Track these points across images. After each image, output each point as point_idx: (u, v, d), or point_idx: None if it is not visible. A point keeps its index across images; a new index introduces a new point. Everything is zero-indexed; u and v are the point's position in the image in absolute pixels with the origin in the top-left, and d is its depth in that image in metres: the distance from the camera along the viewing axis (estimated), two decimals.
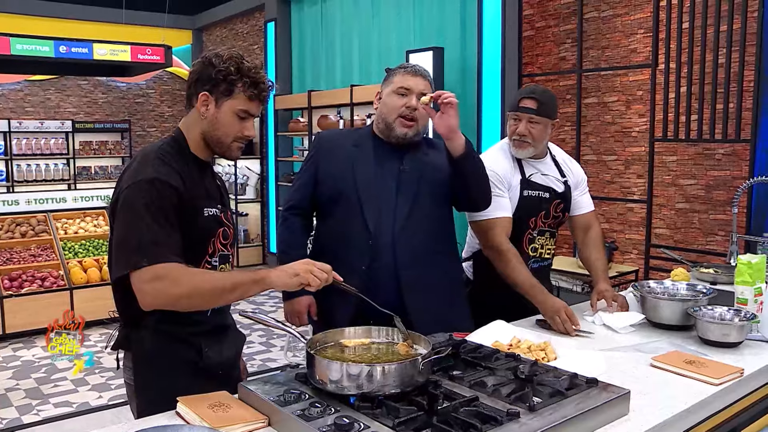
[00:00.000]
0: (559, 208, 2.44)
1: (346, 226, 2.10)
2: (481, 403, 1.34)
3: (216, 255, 1.71)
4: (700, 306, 2.05)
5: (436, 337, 1.74)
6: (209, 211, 1.67)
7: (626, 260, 4.71)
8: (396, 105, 2.06)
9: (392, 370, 1.34)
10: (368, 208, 2.06)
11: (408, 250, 2.06)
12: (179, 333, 1.66)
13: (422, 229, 2.09)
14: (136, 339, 1.66)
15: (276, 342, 5.18)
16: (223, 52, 1.65)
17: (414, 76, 2.07)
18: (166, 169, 1.59)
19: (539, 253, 2.44)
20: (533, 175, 2.41)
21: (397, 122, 2.07)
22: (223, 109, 1.64)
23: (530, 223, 2.39)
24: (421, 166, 2.12)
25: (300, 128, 7.21)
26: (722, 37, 4.01)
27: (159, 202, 1.54)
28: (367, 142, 2.15)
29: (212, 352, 1.70)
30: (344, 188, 2.09)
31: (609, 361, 1.76)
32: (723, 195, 4.12)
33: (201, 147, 1.71)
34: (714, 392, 1.58)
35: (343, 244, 2.09)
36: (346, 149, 2.14)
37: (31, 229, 5.89)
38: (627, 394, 1.43)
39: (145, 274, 1.49)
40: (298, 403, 1.35)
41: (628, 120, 4.63)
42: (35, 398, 4.07)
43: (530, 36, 5.21)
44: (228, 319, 1.82)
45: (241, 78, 1.63)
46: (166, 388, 1.55)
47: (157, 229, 1.52)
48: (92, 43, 6.69)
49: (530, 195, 2.38)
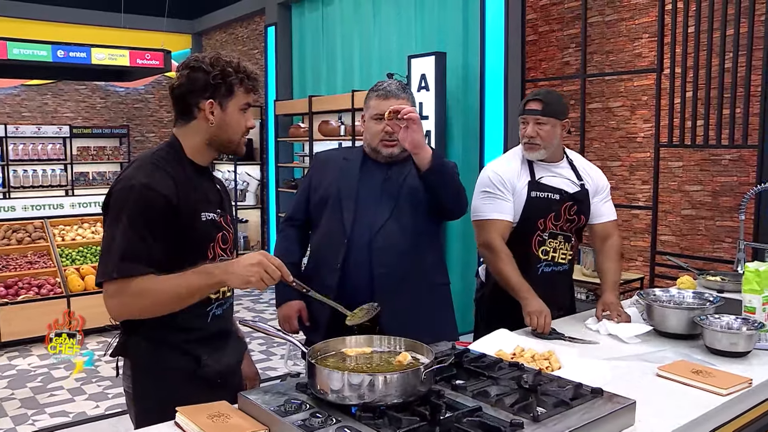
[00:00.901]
0: (572, 211, 2.43)
1: (326, 227, 2.23)
2: (485, 413, 1.34)
3: (216, 260, 1.71)
4: (707, 315, 2.05)
5: (438, 346, 1.74)
6: (207, 216, 1.69)
7: (631, 268, 4.71)
8: (375, 131, 2.18)
9: (394, 379, 1.34)
10: (347, 209, 2.18)
11: (383, 251, 2.14)
12: (176, 340, 1.66)
13: (401, 232, 2.17)
14: (133, 346, 1.68)
15: (276, 351, 5.17)
16: (202, 57, 1.68)
17: (385, 99, 2.16)
18: (159, 175, 1.61)
19: (551, 256, 2.44)
20: (543, 177, 2.43)
21: (380, 145, 2.19)
22: (230, 110, 1.69)
23: (539, 225, 2.40)
24: (405, 175, 2.21)
25: (300, 134, 7.22)
26: (729, 41, 4.02)
27: (142, 209, 1.56)
28: (357, 157, 2.28)
29: (211, 360, 1.70)
30: (329, 194, 2.23)
31: (614, 371, 1.76)
32: (730, 201, 4.12)
33: (200, 152, 1.73)
34: (721, 403, 1.58)
35: (323, 244, 2.23)
36: (337, 162, 2.29)
37: (27, 235, 5.90)
38: (632, 405, 1.43)
39: (111, 287, 1.56)
40: (299, 413, 1.35)
41: (632, 125, 4.64)
42: (31, 408, 4.07)
43: (533, 40, 5.22)
44: (229, 326, 1.83)
45: (237, 74, 1.67)
46: (163, 396, 1.56)
47: (135, 238, 1.55)
48: (90, 47, 6.71)
49: (538, 196, 2.40)
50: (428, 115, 5.27)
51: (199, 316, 1.69)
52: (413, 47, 5.81)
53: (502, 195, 2.38)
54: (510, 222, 2.39)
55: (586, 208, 2.49)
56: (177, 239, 1.61)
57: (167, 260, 1.59)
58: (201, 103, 1.66)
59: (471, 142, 5.25)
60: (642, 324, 2.17)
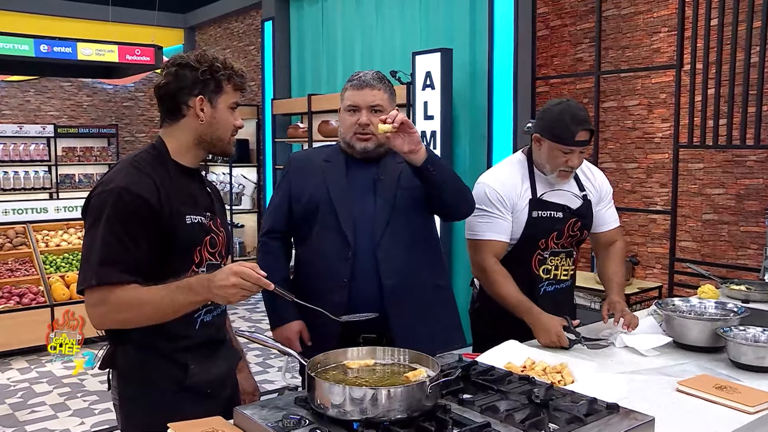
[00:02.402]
0: (576, 227, 2.41)
1: (324, 241, 2.18)
2: (493, 429, 1.34)
3: (203, 264, 1.73)
4: (731, 326, 2.04)
5: (444, 358, 1.75)
6: (193, 219, 1.70)
7: (648, 276, 4.70)
8: (349, 123, 2.18)
9: (398, 393, 1.34)
10: (345, 219, 2.14)
11: (390, 259, 2.13)
12: (164, 348, 1.69)
13: (403, 237, 2.16)
14: (121, 356, 1.70)
15: (273, 363, 5.18)
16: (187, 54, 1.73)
17: (360, 89, 2.15)
18: (138, 177, 1.64)
19: (553, 275, 2.42)
20: (545, 193, 2.38)
21: (354, 138, 2.18)
22: (219, 107, 1.73)
23: (540, 244, 2.37)
24: (398, 174, 2.19)
25: (299, 134, 7.23)
26: (755, 34, 4.02)
27: (121, 213, 1.59)
28: (338, 156, 2.25)
29: (199, 369, 1.72)
30: (319, 202, 2.18)
31: (630, 385, 1.76)
32: (755, 205, 4.11)
33: (187, 153, 1.76)
34: (749, 421, 1.57)
35: (323, 260, 2.17)
36: (318, 165, 2.24)
37: (8, 241, 5.90)
38: (651, 422, 1.43)
39: (92, 296, 1.60)
40: (298, 429, 1.35)
41: (650, 125, 4.64)
42: (10, 426, 4.06)
43: (545, 36, 5.23)
44: (221, 334, 1.84)
45: (225, 70, 1.71)
46: (151, 407, 1.62)
47: (114, 244, 1.58)
48: (76, 42, 6.74)
49: (540, 216, 2.36)
50: (433, 115, 5.28)
51: (187, 323, 1.70)
52: (418, 43, 5.83)
53: (500, 214, 2.33)
54: (506, 243, 2.36)
55: (589, 222, 2.47)
56: (160, 242, 1.64)
57: (150, 264, 1.62)
58: (190, 100, 1.70)
59: (478, 143, 5.26)
60: (660, 335, 2.17)
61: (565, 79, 5.10)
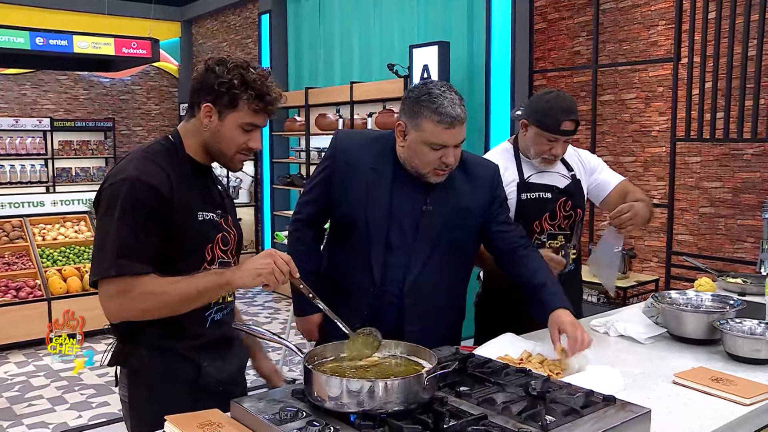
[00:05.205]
0: (567, 206, 2.42)
1: (350, 263, 2.05)
2: (490, 422, 1.34)
3: (216, 262, 1.71)
4: (728, 319, 2.05)
5: (441, 351, 1.75)
6: (205, 215, 1.69)
7: (645, 269, 4.71)
8: (429, 160, 1.91)
9: (395, 386, 1.34)
10: (377, 252, 1.98)
11: (416, 307, 2.01)
12: (177, 348, 1.67)
13: (437, 277, 2.02)
14: (131, 354, 1.69)
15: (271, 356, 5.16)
16: (229, 58, 1.65)
17: (450, 128, 1.86)
18: (151, 168, 1.61)
19: None
20: (532, 176, 2.41)
21: (432, 173, 1.95)
22: (227, 122, 1.65)
23: (535, 227, 2.39)
24: (448, 208, 2.00)
25: (296, 128, 7.22)
26: (752, 27, 4.01)
27: (136, 203, 1.57)
28: (387, 167, 2.00)
29: (211, 367, 1.71)
30: (355, 224, 2.01)
31: (627, 378, 1.76)
32: (752, 198, 4.12)
33: (200, 152, 1.72)
34: (744, 413, 1.57)
35: (346, 280, 2.06)
36: (363, 170, 2.01)
37: (5, 235, 5.89)
38: (647, 414, 1.43)
39: (111, 287, 1.56)
40: (295, 421, 1.35)
41: (647, 118, 4.64)
42: (7, 419, 4.06)
43: (542, 29, 5.23)
44: (232, 332, 1.82)
45: (246, 90, 1.62)
46: (162, 405, 1.57)
47: (128, 234, 1.56)
48: (72, 35, 6.72)
49: (529, 197, 2.38)
50: None
51: (198, 321, 1.69)
52: (415, 37, 5.82)
53: None
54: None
55: (581, 201, 2.48)
56: (171, 236, 1.61)
57: (161, 258, 1.60)
58: (202, 103, 1.66)
59: (476, 136, 5.26)
60: (654, 325, 2.18)
61: (563, 72, 5.10)
